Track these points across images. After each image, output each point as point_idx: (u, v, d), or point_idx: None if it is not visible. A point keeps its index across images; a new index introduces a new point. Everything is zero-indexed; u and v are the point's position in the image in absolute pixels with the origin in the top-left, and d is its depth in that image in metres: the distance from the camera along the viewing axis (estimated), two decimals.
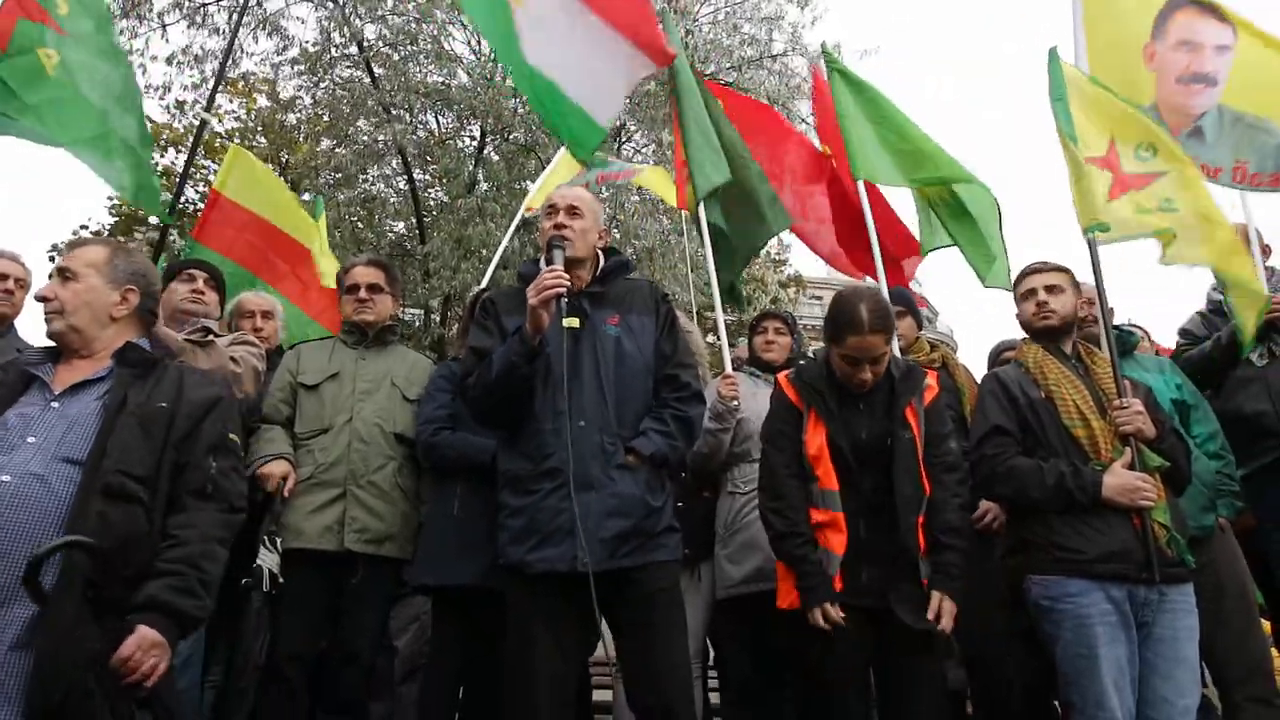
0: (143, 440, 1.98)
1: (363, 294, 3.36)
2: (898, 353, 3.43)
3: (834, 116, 4.58)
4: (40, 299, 2.13)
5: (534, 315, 2.48)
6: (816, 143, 5.32)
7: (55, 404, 2.00)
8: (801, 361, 3.23)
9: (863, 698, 2.61)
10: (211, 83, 7.07)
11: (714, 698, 3.89)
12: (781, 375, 2.91)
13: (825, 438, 2.65)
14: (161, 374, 2.12)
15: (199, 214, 12.97)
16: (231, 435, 2.17)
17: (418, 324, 10.97)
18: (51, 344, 2.18)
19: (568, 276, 2.51)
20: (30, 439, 1.91)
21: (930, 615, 2.51)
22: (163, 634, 1.88)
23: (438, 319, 10.17)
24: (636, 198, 10.78)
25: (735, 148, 4.20)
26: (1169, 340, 3.74)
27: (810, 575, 2.57)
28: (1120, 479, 2.62)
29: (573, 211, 2.70)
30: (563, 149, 5.39)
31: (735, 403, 3.36)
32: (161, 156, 13.18)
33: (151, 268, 2.35)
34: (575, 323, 2.57)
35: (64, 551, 1.75)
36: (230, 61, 10.18)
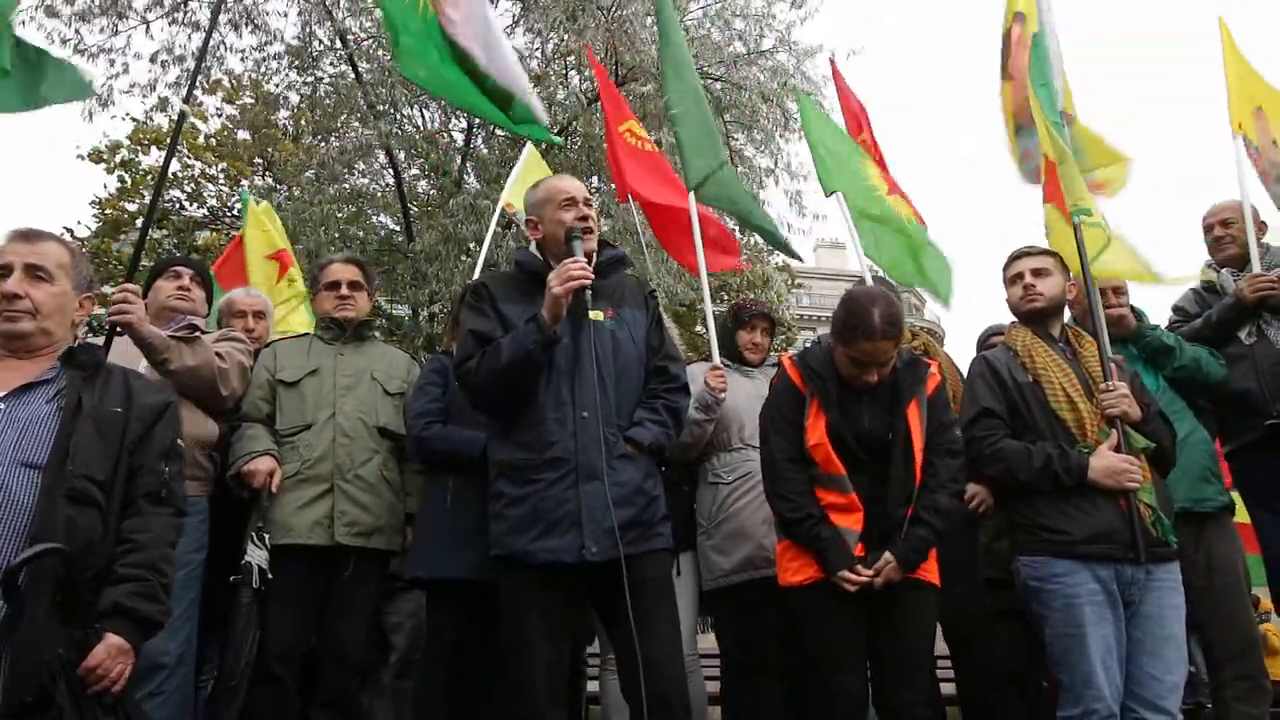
0: (100, 444, 1.94)
1: (344, 290, 3.35)
2: None
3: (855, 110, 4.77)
4: (9, 295, 2.00)
5: (555, 304, 2.48)
6: None
7: (1, 405, 1.93)
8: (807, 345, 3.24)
9: (861, 678, 2.61)
10: (192, 78, 6.96)
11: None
12: (785, 357, 2.92)
13: (825, 427, 2.64)
14: (107, 377, 2.07)
15: (182, 215, 12.92)
16: (179, 441, 2.16)
17: (407, 321, 10.92)
18: None
19: (590, 269, 2.54)
20: None
21: (872, 569, 2.51)
22: (128, 640, 1.88)
23: (426, 316, 10.12)
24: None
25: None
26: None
27: (829, 550, 2.56)
28: (1106, 461, 2.65)
29: (589, 204, 2.72)
30: (528, 147, 5.41)
31: (723, 395, 3.36)
32: (145, 155, 13.09)
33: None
34: (599, 315, 2.58)
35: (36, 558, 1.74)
36: (213, 58, 10.12)
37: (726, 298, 11.65)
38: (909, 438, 2.63)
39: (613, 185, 10.27)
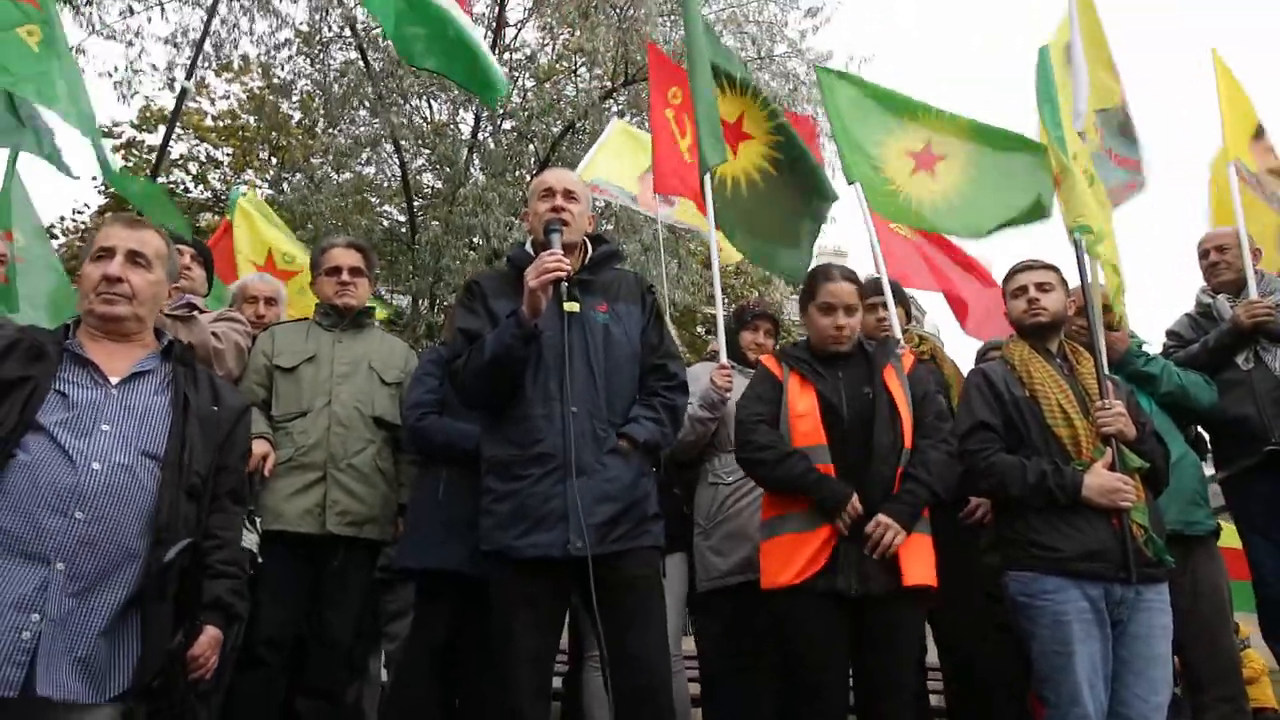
0: (203, 440, 2.02)
1: (345, 276, 3.31)
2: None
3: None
4: (112, 279, 2.01)
5: (532, 298, 2.46)
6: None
7: (114, 391, 1.95)
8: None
9: (843, 682, 2.62)
10: (206, 61, 6.99)
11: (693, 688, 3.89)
12: (764, 355, 2.99)
13: (815, 394, 2.69)
14: (195, 374, 2.11)
15: (186, 197, 12.90)
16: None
17: (408, 312, 10.92)
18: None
19: (568, 261, 2.52)
20: (104, 426, 1.88)
21: (869, 529, 2.51)
22: (222, 633, 2.04)
23: (426, 305, 10.12)
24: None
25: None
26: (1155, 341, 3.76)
27: (823, 484, 2.58)
28: (1101, 479, 2.64)
29: (569, 195, 2.70)
30: (614, 122, 5.35)
31: (729, 393, 3.36)
32: (150, 134, 13.07)
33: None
34: (575, 307, 2.55)
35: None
36: (228, 43, 10.13)
37: (729, 299, 11.65)
38: (892, 402, 2.67)
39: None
